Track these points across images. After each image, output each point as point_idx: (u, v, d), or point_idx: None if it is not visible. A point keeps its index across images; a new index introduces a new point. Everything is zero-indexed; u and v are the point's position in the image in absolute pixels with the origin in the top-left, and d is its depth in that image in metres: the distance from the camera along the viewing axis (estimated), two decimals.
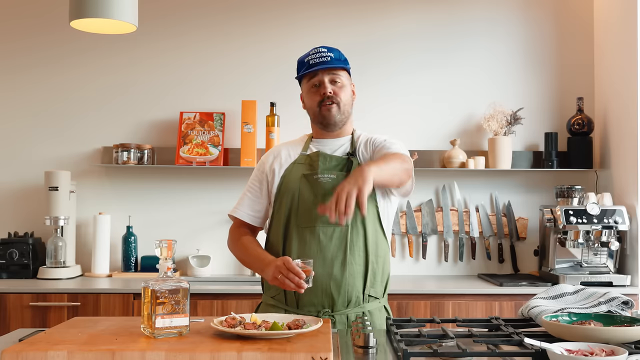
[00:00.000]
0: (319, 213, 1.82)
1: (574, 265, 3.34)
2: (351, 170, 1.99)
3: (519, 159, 3.66)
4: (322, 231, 1.98)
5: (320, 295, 1.97)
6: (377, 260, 2.03)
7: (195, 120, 3.61)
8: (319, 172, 2.03)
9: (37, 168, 3.63)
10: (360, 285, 1.99)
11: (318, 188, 2.01)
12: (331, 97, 2.05)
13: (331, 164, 2.05)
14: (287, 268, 1.82)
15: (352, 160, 2.05)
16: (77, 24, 2.27)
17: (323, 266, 1.96)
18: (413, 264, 3.68)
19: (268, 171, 2.12)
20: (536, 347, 1.47)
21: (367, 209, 1.94)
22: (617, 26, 3.46)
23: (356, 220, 1.99)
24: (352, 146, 2.09)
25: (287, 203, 2.03)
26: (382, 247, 2.05)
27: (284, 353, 1.43)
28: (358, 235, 1.99)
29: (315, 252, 1.97)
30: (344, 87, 2.08)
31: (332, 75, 2.06)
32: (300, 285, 1.81)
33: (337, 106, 2.06)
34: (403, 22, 3.74)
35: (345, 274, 1.97)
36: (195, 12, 3.74)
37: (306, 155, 2.09)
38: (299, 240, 2.00)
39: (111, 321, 1.81)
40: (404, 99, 3.72)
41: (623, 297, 1.85)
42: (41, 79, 3.71)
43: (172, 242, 1.66)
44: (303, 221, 2.00)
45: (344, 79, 2.08)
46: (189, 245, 3.63)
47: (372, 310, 2.03)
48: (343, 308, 1.98)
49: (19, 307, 3.09)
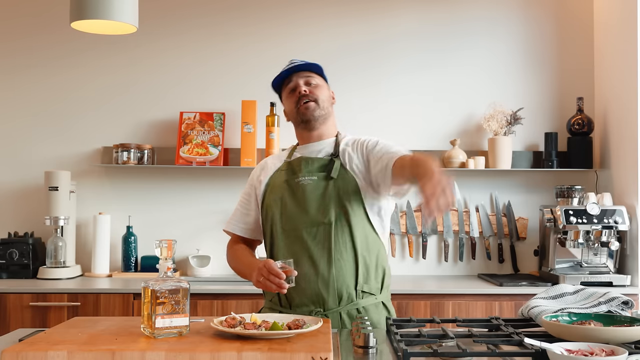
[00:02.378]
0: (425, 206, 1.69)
1: (574, 265, 3.34)
2: (332, 171, 2.01)
3: (519, 159, 3.66)
4: (305, 232, 1.99)
5: (310, 294, 1.98)
6: (369, 255, 2.02)
7: (195, 120, 3.61)
8: (301, 176, 2.05)
9: (37, 168, 3.63)
10: (351, 281, 1.99)
11: (299, 191, 2.03)
12: (307, 94, 2.08)
13: (313, 166, 2.06)
14: (267, 270, 1.83)
15: (334, 161, 2.05)
16: (77, 25, 2.27)
17: (310, 266, 1.97)
18: (413, 264, 3.68)
19: (256, 183, 2.16)
20: (536, 347, 1.47)
21: (352, 202, 1.98)
22: (617, 26, 3.46)
23: (340, 216, 1.99)
24: (335, 147, 2.10)
25: (272, 209, 2.06)
26: (373, 241, 2.03)
27: (284, 353, 1.43)
28: (343, 231, 1.99)
29: (301, 254, 1.98)
30: (319, 87, 2.11)
31: (305, 77, 2.11)
32: (281, 286, 1.82)
33: (315, 102, 2.09)
34: (403, 22, 3.74)
35: (332, 271, 1.97)
36: (194, 11, 3.74)
37: (289, 162, 2.12)
38: (285, 244, 2.02)
39: (111, 321, 1.81)
40: (403, 98, 3.72)
41: (623, 297, 1.85)
42: (41, 79, 3.71)
43: (172, 242, 1.66)
44: (288, 225, 2.02)
45: (318, 80, 2.12)
46: (189, 245, 3.63)
47: (367, 306, 2.02)
48: (335, 306, 1.98)
49: (19, 307, 3.09)
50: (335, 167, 2.03)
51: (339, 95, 3.95)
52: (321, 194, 2.01)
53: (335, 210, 1.99)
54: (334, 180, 2.01)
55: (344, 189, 2.00)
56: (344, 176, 2.02)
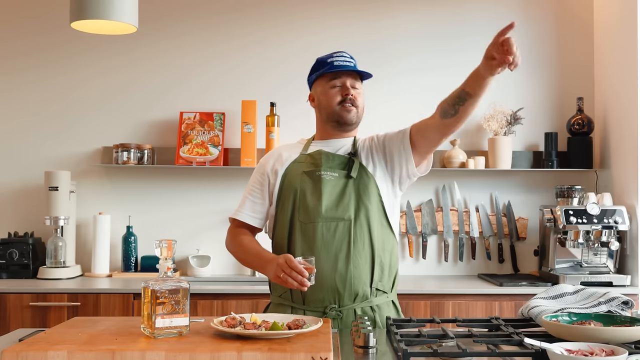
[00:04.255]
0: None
1: (574, 265, 3.34)
2: (352, 170, 2.04)
3: (519, 159, 3.66)
4: (325, 226, 1.99)
5: (326, 290, 1.98)
6: (384, 253, 2.04)
7: (195, 120, 3.61)
8: (322, 170, 2.05)
9: (37, 168, 3.63)
10: (367, 278, 2.00)
11: (320, 184, 2.03)
12: (352, 99, 2.10)
13: (334, 162, 2.08)
14: (289, 266, 1.82)
15: (353, 160, 2.07)
16: (77, 25, 2.28)
17: (327, 261, 1.97)
18: (413, 264, 3.68)
19: (270, 172, 2.13)
20: (536, 347, 1.47)
21: (371, 200, 2.02)
22: (617, 26, 3.46)
23: (359, 214, 2.01)
24: (353, 147, 2.12)
25: (289, 201, 2.05)
26: (389, 240, 2.06)
27: (284, 353, 1.43)
28: (362, 228, 2.00)
29: (319, 248, 1.98)
30: (361, 94, 2.15)
31: (353, 80, 2.12)
32: (303, 284, 1.81)
33: (356, 109, 2.12)
34: (404, 23, 3.74)
35: (350, 268, 1.97)
36: (195, 12, 3.74)
37: (307, 154, 2.12)
38: (302, 237, 2.01)
39: (111, 321, 1.81)
40: (404, 98, 3.72)
41: (623, 297, 1.85)
42: (41, 79, 3.71)
43: (172, 242, 1.66)
44: (306, 218, 2.02)
45: (361, 87, 2.16)
46: (189, 245, 3.63)
47: (380, 304, 2.03)
48: (350, 302, 1.99)
49: (19, 307, 3.09)
50: (355, 167, 2.05)
51: None
52: (341, 190, 2.03)
53: (355, 208, 2.01)
54: (354, 179, 2.04)
55: (364, 188, 2.03)
56: (362, 175, 2.05)
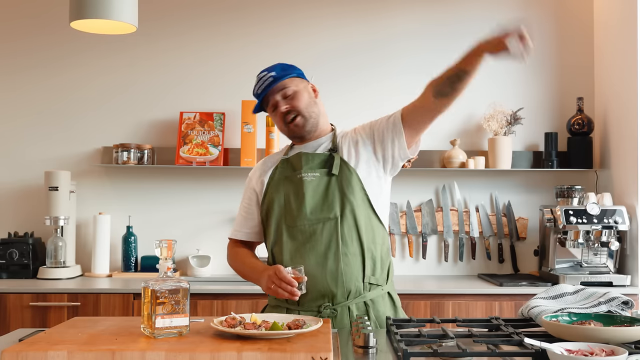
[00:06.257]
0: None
1: (574, 265, 3.34)
2: (332, 168, 2.01)
3: (519, 159, 3.66)
4: (311, 228, 1.99)
5: (318, 290, 1.97)
6: (375, 246, 2.02)
7: (195, 120, 3.61)
8: (303, 172, 2.04)
9: (37, 168, 3.63)
10: (359, 274, 1.99)
11: (302, 187, 2.02)
12: (289, 111, 2.06)
13: (314, 162, 2.05)
14: (278, 278, 1.83)
15: (333, 156, 2.05)
16: (77, 24, 2.28)
17: (317, 261, 1.97)
18: (413, 264, 3.68)
19: (256, 185, 2.15)
20: (536, 347, 1.47)
21: (355, 195, 1.99)
22: (617, 26, 3.46)
23: (345, 210, 1.99)
24: (333, 142, 2.09)
25: (275, 207, 2.05)
26: (378, 233, 2.04)
27: (284, 353, 1.43)
28: (349, 225, 1.99)
29: (307, 249, 1.98)
30: (297, 94, 2.07)
31: (280, 91, 2.07)
32: (293, 293, 1.82)
33: (300, 116, 2.06)
34: (403, 22, 3.74)
35: (341, 266, 1.97)
36: (195, 12, 3.74)
37: (287, 158, 2.11)
38: (291, 241, 2.01)
39: (111, 321, 1.81)
40: (404, 98, 3.70)
41: (623, 297, 1.85)
42: (41, 79, 3.71)
43: (172, 242, 1.67)
44: (291, 221, 2.02)
45: (293, 86, 2.07)
46: (189, 245, 3.63)
47: (375, 298, 2.02)
48: (344, 299, 1.98)
49: (19, 307, 3.09)
50: (336, 163, 2.02)
51: (339, 95, 3.94)
52: (325, 190, 2.01)
53: (340, 205, 1.99)
54: (336, 176, 2.02)
55: (347, 183, 2.00)
56: (344, 170, 2.02)
